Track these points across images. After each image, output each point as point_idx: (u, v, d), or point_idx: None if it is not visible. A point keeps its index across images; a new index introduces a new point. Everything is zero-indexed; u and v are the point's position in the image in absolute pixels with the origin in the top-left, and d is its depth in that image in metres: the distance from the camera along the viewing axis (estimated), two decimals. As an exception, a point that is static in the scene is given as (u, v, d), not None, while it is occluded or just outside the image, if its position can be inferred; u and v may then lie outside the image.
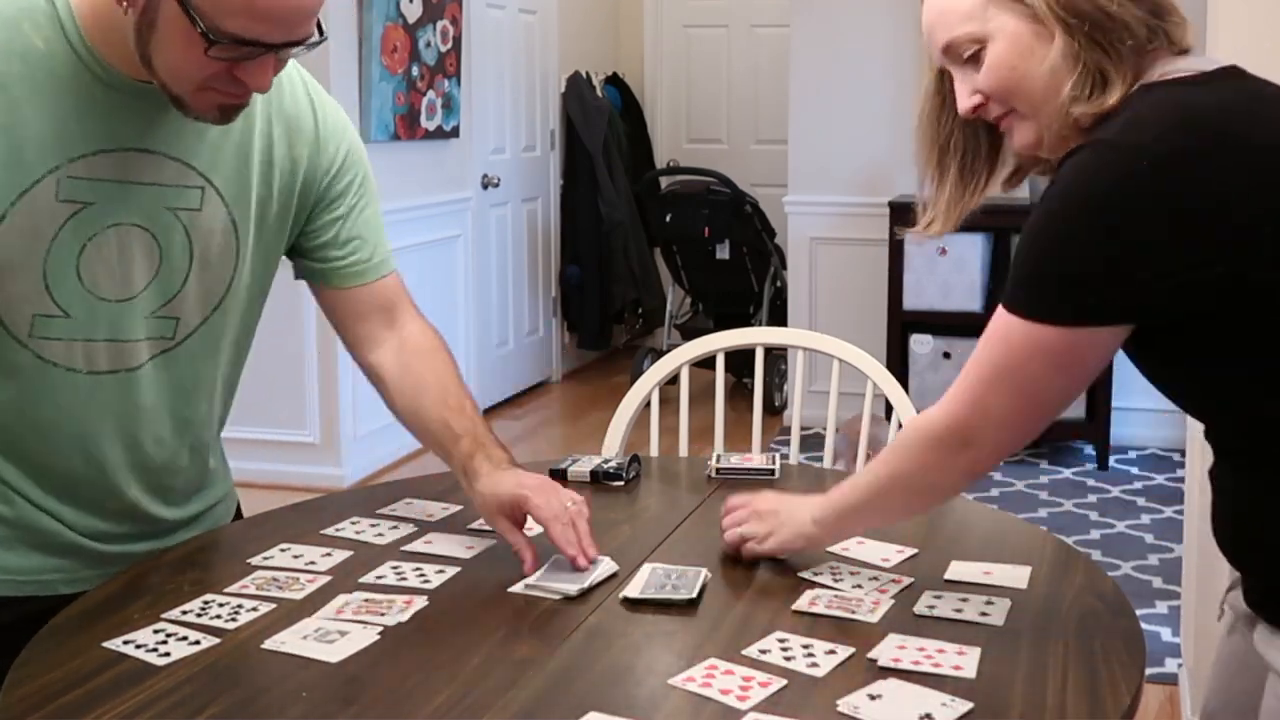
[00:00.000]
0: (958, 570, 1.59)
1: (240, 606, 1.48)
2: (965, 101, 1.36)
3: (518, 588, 1.54)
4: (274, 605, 1.49)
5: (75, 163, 1.44)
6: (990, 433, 1.37)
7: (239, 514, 1.85)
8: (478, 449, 1.67)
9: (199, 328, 1.61)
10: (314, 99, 1.66)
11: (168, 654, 1.36)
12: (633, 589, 1.52)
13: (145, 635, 1.41)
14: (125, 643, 1.39)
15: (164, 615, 1.46)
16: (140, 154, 1.49)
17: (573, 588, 1.52)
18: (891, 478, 1.49)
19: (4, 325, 1.47)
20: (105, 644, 1.38)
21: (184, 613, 1.47)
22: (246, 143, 1.58)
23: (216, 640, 1.40)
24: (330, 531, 1.74)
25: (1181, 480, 4.53)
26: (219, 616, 1.46)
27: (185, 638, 1.40)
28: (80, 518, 1.59)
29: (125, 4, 1.37)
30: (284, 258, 1.72)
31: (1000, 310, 1.33)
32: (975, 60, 1.34)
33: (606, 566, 1.58)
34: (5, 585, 1.56)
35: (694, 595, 1.49)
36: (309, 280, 1.75)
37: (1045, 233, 1.26)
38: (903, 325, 5.09)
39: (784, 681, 1.30)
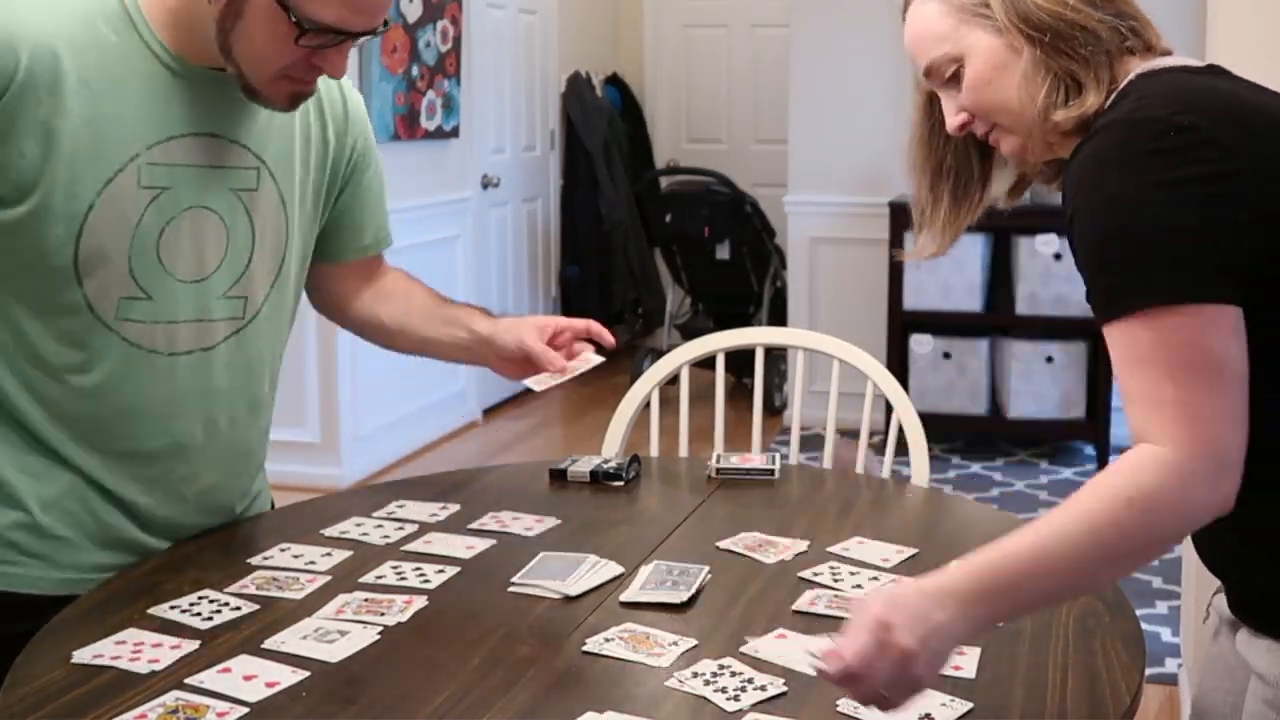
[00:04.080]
0: (958, 570, 1.58)
1: (240, 606, 1.48)
2: (952, 120, 1.38)
3: (516, 586, 1.54)
4: (274, 605, 1.49)
5: (153, 149, 1.51)
6: (1234, 439, 1.17)
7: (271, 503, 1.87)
8: (487, 314, 1.88)
9: (263, 306, 1.67)
10: (342, 83, 1.75)
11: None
12: (633, 587, 1.52)
13: (144, 634, 1.40)
14: (123, 642, 1.39)
15: (163, 615, 1.46)
16: (207, 138, 1.56)
17: (572, 588, 1.52)
18: (1115, 532, 1.17)
19: (93, 311, 1.52)
20: (103, 641, 1.38)
21: (183, 612, 1.47)
22: (290, 123, 1.65)
23: (216, 640, 1.40)
24: (330, 531, 1.74)
25: (1181, 480, 4.52)
26: (218, 615, 1.46)
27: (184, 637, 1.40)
28: (156, 506, 1.62)
29: None
30: None
31: (1117, 328, 1.20)
32: (956, 79, 1.36)
33: (607, 567, 1.59)
34: (76, 584, 1.57)
35: (684, 599, 1.49)
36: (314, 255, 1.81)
37: (1110, 226, 1.20)
38: (903, 325, 5.09)
39: (784, 681, 1.30)
